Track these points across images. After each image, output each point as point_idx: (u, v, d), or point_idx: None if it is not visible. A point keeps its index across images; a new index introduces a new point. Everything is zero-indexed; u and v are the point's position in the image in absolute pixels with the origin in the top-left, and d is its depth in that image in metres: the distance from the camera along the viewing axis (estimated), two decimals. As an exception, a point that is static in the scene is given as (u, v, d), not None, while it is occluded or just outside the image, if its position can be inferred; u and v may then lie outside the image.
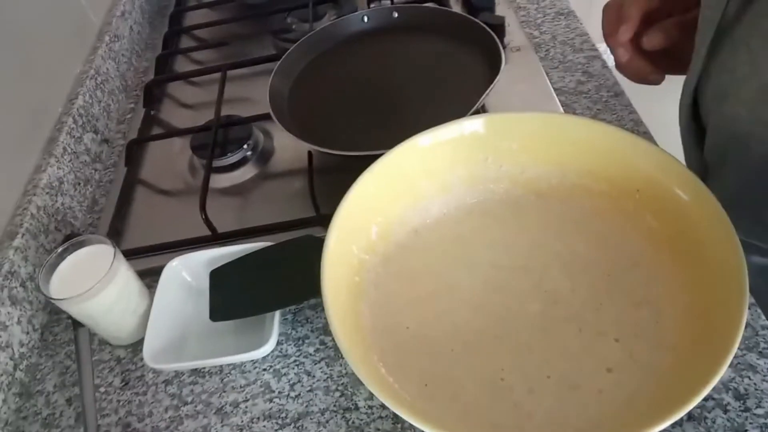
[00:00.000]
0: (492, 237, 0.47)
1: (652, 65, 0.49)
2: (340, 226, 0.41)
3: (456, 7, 0.79)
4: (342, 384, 0.47)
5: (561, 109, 0.64)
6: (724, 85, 0.42)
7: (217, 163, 0.65)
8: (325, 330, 0.51)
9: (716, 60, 0.42)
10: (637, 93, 0.67)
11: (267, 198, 0.63)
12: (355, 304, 0.42)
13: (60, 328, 0.57)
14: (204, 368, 0.50)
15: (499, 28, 0.71)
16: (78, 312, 0.48)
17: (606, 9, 0.51)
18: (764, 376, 0.41)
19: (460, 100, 0.58)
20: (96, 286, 0.46)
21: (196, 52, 0.85)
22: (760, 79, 0.38)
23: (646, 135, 0.62)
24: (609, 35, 0.51)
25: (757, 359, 0.42)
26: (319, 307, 0.53)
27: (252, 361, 0.49)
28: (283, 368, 0.49)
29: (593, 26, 0.78)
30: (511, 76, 0.65)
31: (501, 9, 0.78)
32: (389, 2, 0.71)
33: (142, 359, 0.48)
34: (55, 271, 0.48)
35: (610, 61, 0.71)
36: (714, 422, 0.40)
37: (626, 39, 0.48)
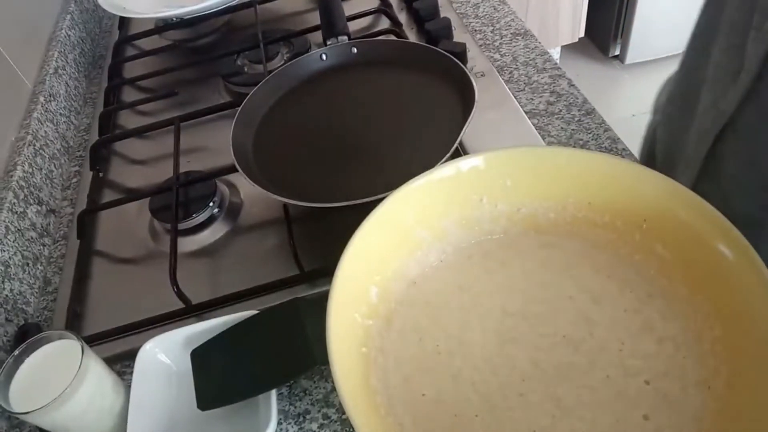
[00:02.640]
0: (497, 281, 0.45)
1: None
2: (339, 297, 0.37)
3: (412, 38, 0.78)
4: (356, 463, 0.42)
5: (535, 133, 0.63)
6: None
7: (182, 225, 0.60)
8: (327, 402, 0.47)
9: None
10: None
11: (242, 257, 0.59)
12: (366, 379, 0.38)
13: (22, 435, 0.50)
14: (197, 463, 0.45)
15: (461, 55, 0.70)
16: (45, 423, 0.42)
17: None
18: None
19: (436, 137, 0.56)
20: (65, 391, 0.40)
21: (143, 104, 0.79)
22: None
23: (625, 152, 0.61)
24: None
25: None
26: (317, 376, 0.49)
27: (251, 448, 0.45)
28: (287, 452, 0.44)
29: (531, 30, 0.77)
30: (480, 102, 0.63)
31: (458, 35, 0.76)
32: (346, 38, 0.68)
33: (124, 462, 0.43)
34: (13, 379, 0.42)
35: (574, 79, 0.70)
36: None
37: None
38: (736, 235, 0.36)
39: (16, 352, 0.42)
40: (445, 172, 0.44)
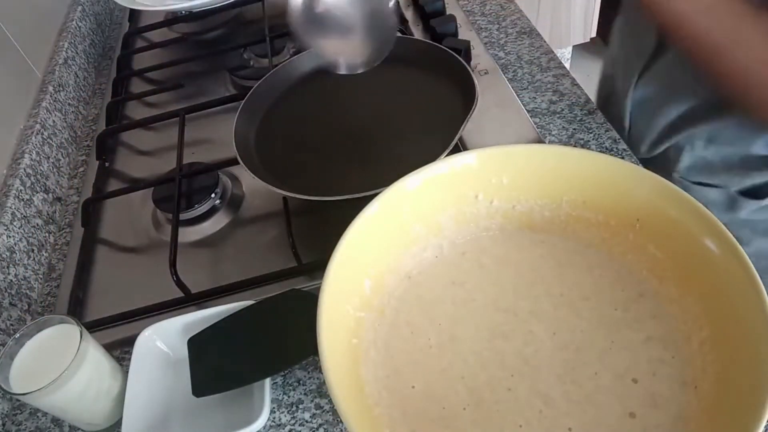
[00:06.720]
0: (490, 277, 0.45)
1: None
2: (332, 288, 0.38)
3: (418, 35, 0.78)
4: (346, 453, 0.43)
5: (536, 132, 0.63)
6: None
7: (183, 215, 0.61)
8: (320, 392, 0.47)
9: None
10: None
11: (242, 249, 0.60)
12: (356, 371, 0.39)
13: (24, 416, 0.51)
14: (191, 449, 0.46)
15: (465, 52, 0.70)
16: (44, 404, 0.43)
17: None
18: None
19: (436, 134, 0.56)
20: (63, 374, 0.41)
21: (150, 96, 0.80)
22: None
23: (626, 152, 0.61)
24: None
25: None
26: (311, 366, 0.49)
27: (243, 435, 0.45)
28: (278, 440, 0.45)
29: (543, 29, 0.78)
30: (483, 100, 0.64)
31: (463, 32, 0.76)
32: (351, 33, 0.69)
33: (120, 445, 0.44)
34: (13, 361, 0.43)
35: (585, 79, 0.70)
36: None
37: None
38: (723, 232, 0.36)
39: (17, 335, 0.43)
40: (439, 168, 0.44)
